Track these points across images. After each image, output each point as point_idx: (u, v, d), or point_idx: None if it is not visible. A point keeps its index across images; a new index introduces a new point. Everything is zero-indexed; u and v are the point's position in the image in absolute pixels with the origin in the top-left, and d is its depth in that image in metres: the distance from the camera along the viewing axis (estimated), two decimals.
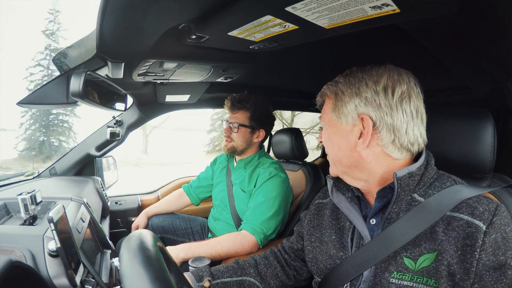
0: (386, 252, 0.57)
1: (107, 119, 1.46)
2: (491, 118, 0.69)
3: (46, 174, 1.43)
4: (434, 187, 0.59)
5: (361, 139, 0.60)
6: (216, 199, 1.42)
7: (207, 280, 0.73)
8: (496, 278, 0.49)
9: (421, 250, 0.55)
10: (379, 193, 0.61)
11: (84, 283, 0.65)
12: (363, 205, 0.67)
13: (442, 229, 0.54)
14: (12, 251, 0.57)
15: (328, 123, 0.65)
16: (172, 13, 0.61)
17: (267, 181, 1.22)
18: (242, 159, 1.36)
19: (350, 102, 0.60)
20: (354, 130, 0.61)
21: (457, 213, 0.55)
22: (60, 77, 0.87)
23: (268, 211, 1.16)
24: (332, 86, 0.65)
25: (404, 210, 0.59)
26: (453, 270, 0.51)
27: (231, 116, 1.31)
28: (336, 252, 0.67)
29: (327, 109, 0.66)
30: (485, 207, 0.53)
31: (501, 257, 0.50)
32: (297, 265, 0.81)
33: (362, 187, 0.65)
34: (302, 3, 0.52)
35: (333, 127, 0.64)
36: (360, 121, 0.60)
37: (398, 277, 0.56)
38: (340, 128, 0.63)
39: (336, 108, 0.63)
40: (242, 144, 1.30)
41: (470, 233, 0.52)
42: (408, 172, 0.58)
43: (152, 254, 0.41)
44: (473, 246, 0.50)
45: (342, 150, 0.63)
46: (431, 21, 0.65)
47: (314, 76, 1.57)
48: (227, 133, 1.31)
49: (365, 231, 0.62)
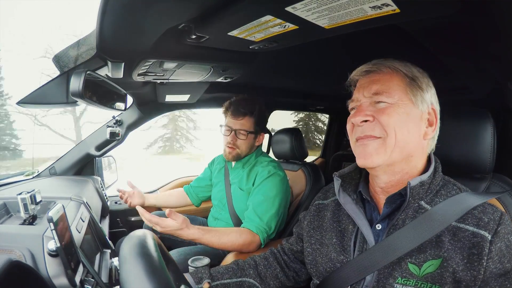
0: (390, 259, 0.57)
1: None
2: (491, 118, 0.69)
3: (45, 174, 1.43)
4: (440, 195, 0.60)
5: (430, 128, 0.61)
6: (215, 199, 1.42)
7: (207, 282, 0.72)
8: (501, 283, 0.51)
9: (426, 256, 0.55)
10: (389, 199, 0.62)
11: (84, 283, 0.65)
12: (367, 209, 0.66)
13: (448, 239, 0.55)
14: (11, 250, 0.57)
15: (399, 101, 0.58)
16: (172, 13, 0.61)
17: (266, 180, 1.20)
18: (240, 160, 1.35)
19: (428, 90, 0.61)
20: (423, 117, 0.60)
21: (462, 224, 0.55)
22: (60, 77, 0.87)
23: (269, 210, 1.15)
24: (403, 66, 0.61)
25: (410, 217, 0.59)
26: (459, 277, 0.52)
27: (235, 122, 1.24)
28: (336, 255, 0.66)
29: (395, 86, 0.59)
30: (490, 216, 0.55)
31: (506, 264, 0.51)
32: (296, 267, 0.81)
33: (385, 185, 0.63)
34: (302, 3, 0.52)
35: (406, 107, 0.58)
36: (432, 111, 0.61)
37: (402, 282, 0.56)
38: (413, 111, 0.59)
39: (414, 89, 0.59)
40: (246, 150, 1.28)
41: (476, 242, 0.53)
42: (420, 181, 0.59)
43: (152, 253, 0.41)
44: (480, 255, 0.51)
45: (412, 135, 0.58)
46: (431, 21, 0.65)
47: (314, 76, 1.58)
48: (232, 141, 1.25)
49: (370, 236, 0.62)
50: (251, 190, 1.24)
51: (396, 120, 0.57)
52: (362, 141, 0.60)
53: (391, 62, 0.61)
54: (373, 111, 0.59)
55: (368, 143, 0.59)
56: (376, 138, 0.58)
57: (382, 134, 0.58)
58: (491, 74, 0.94)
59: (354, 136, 0.62)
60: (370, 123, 0.59)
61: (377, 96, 0.59)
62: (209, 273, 0.75)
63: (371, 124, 0.59)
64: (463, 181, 0.66)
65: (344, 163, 2.65)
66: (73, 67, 0.83)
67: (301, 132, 1.60)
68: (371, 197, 0.66)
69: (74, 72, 0.79)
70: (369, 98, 0.61)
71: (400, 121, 0.58)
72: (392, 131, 0.57)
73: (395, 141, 0.57)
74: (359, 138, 0.61)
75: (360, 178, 0.71)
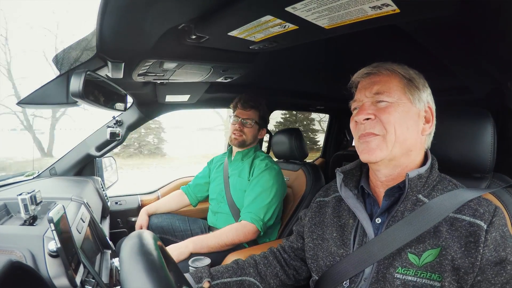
0: (387, 251, 0.59)
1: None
2: (491, 118, 0.70)
3: (46, 174, 1.43)
4: (437, 189, 0.63)
5: (427, 124, 0.65)
6: (214, 193, 1.49)
7: (207, 281, 0.72)
8: (496, 271, 0.53)
9: (425, 246, 0.58)
10: (388, 192, 0.64)
11: (84, 283, 0.65)
12: (368, 203, 0.69)
13: (445, 229, 0.58)
14: (12, 251, 0.57)
15: (399, 100, 0.63)
16: (172, 13, 0.61)
17: (264, 171, 1.33)
18: (240, 151, 1.45)
19: (424, 90, 0.65)
20: (421, 115, 0.64)
21: (459, 214, 0.58)
22: (60, 77, 0.87)
23: (265, 200, 1.26)
24: (401, 68, 0.65)
25: (409, 209, 0.62)
26: (457, 264, 0.54)
27: (243, 113, 1.41)
28: (337, 249, 0.68)
29: (394, 86, 0.64)
30: (485, 208, 0.58)
31: (501, 252, 0.54)
32: (296, 265, 0.82)
33: (386, 179, 0.66)
34: (302, 3, 0.53)
35: (405, 106, 0.63)
36: (429, 109, 0.66)
37: (402, 272, 0.58)
38: (412, 110, 0.63)
39: (411, 89, 0.63)
40: (251, 138, 1.43)
41: (472, 231, 0.55)
42: (418, 174, 0.62)
43: (152, 254, 0.41)
44: (477, 243, 0.54)
45: (410, 132, 0.63)
46: (431, 21, 0.65)
47: (314, 76, 1.58)
48: (240, 128, 1.40)
49: (370, 229, 0.64)
50: (250, 180, 1.35)
51: (396, 118, 0.62)
52: (364, 138, 0.64)
53: (390, 65, 0.65)
54: (374, 110, 0.63)
55: (370, 140, 0.63)
56: (376, 136, 0.62)
57: (381, 132, 0.62)
58: (491, 74, 0.94)
59: (357, 133, 0.66)
60: (372, 121, 0.63)
61: (378, 96, 0.64)
62: (209, 272, 0.75)
63: (372, 122, 0.63)
64: (463, 181, 0.66)
65: (344, 163, 2.64)
66: (73, 67, 0.83)
67: (301, 132, 1.60)
68: (372, 191, 0.69)
69: (74, 72, 0.79)
70: (370, 98, 0.65)
71: (400, 119, 0.62)
72: (392, 128, 0.61)
73: (395, 137, 0.62)
74: (361, 135, 0.64)
75: (361, 175, 0.74)
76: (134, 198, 1.74)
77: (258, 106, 1.42)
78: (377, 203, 0.68)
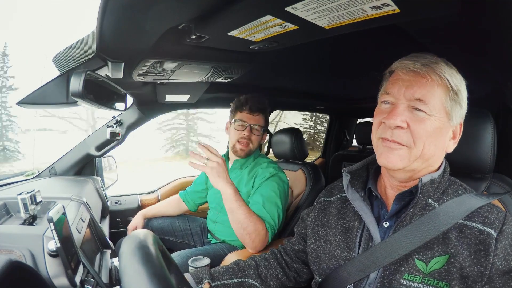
0: (393, 257, 0.57)
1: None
2: (491, 118, 0.70)
3: (46, 174, 1.43)
4: (447, 194, 0.61)
5: (452, 141, 0.61)
6: (212, 202, 1.40)
7: (207, 282, 0.72)
8: (504, 281, 0.52)
9: (433, 253, 0.56)
10: (399, 196, 0.62)
11: (84, 283, 0.65)
12: (375, 206, 0.67)
13: (455, 235, 0.56)
14: (11, 251, 0.57)
15: (437, 114, 0.56)
16: (172, 13, 0.61)
17: (267, 180, 1.19)
18: (238, 159, 1.32)
19: (464, 105, 0.59)
20: (450, 132, 0.60)
21: (469, 221, 0.57)
22: (60, 77, 0.87)
23: (274, 209, 1.14)
24: (450, 74, 0.56)
25: (418, 214, 0.60)
26: (466, 273, 0.53)
27: (251, 117, 1.23)
28: (340, 252, 0.66)
29: (438, 98, 0.56)
30: (495, 216, 0.56)
31: (511, 262, 0.53)
32: (297, 267, 0.81)
33: (399, 184, 0.63)
34: (302, 3, 0.52)
35: (441, 122, 0.56)
36: (459, 126, 0.61)
37: (409, 278, 0.56)
38: (446, 127, 0.58)
39: (454, 105, 0.57)
40: (256, 147, 1.26)
41: (482, 239, 0.54)
42: (431, 179, 0.60)
43: (151, 253, 0.41)
44: (487, 251, 0.53)
45: (437, 149, 0.58)
46: (431, 21, 0.65)
47: (314, 76, 1.57)
48: (248, 136, 1.22)
49: (377, 233, 0.62)
50: (251, 192, 1.22)
51: (428, 133, 0.56)
52: (388, 143, 0.58)
53: (440, 68, 0.56)
54: (408, 117, 0.56)
55: (394, 148, 0.57)
56: (402, 146, 0.57)
57: (409, 143, 0.56)
58: (491, 74, 0.94)
59: (381, 134, 0.59)
60: (401, 129, 0.56)
61: (417, 103, 0.56)
62: (209, 274, 0.75)
63: (402, 131, 0.56)
64: (463, 181, 0.66)
65: (344, 163, 2.64)
66: (73, 67, 0.83)
67: (301, 132, 1.60)
68: (380, 194, 0.67)
69: (74, 72, 0.79)
70: (408, 101, 0.57)
71: (432, 135, 0.56)
72: (421, 143, 0.56)
73: (421, 153, 0.56)
74: (385, 139, 0.58)
75: (368, 176, 0.71)
76: (134, 198, 1.74)
77: (266, 109, 1.27)
78: (385, 206, 0.65)
